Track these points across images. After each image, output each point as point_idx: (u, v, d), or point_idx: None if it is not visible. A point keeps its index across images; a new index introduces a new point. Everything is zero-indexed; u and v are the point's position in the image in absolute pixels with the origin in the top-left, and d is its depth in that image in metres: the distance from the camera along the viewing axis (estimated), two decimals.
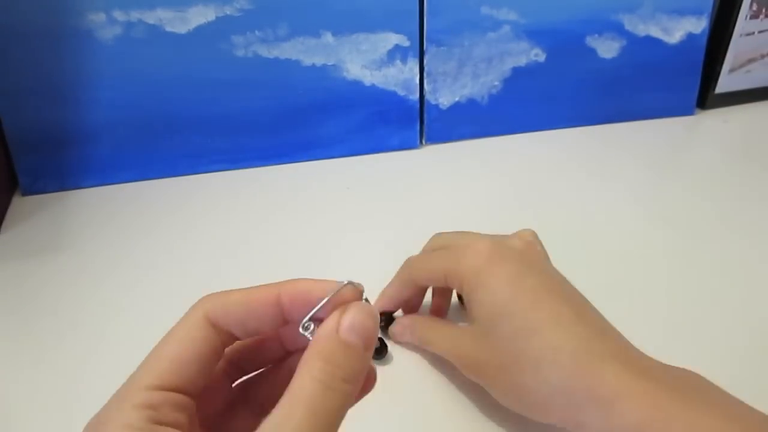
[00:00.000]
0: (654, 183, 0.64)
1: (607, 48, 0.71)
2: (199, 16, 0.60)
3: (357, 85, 0.65)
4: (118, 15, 0.58)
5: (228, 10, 0.60)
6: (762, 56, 0.77)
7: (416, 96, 0.67)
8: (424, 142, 0.69)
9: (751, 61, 0.77)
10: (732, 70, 0.76)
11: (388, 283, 0.43)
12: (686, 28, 0.72)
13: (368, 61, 0.65)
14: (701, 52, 0.74)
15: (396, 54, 0.65)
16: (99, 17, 0.58)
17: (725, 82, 0.76)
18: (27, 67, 0.57)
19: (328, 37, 0.63)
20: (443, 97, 0.68)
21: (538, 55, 0.69)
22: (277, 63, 0.63)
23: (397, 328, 0.42)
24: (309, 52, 0.63)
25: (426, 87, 0.67)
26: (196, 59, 0.61)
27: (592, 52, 0.71)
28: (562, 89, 0.72)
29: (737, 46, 0.74)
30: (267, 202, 0.60)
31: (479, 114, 0.70)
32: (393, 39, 0.64)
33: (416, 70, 0.66)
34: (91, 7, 0.57)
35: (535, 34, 0.68)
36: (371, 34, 0.64)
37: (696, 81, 0.75)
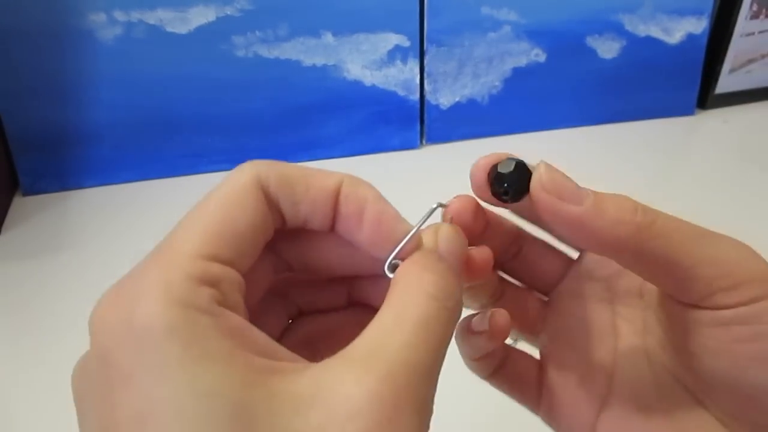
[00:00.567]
0: (654, 183, 0.64)
1: (607, 48, 0.71)
2: (199, 17, 0.60)
3: (357, 85, 0.65)
4: (119, 15, 0.58)
5: (228, 10, 0.60)
6: (762, 56, 0.77)
7: (416, 96, 0.67)
8: (424, 142, 0.69)
9: (751, 61, 0.77)
10: (732, 70, 0.76)
11: None
12: (686, 28, 0.72)
13: (369, 61, 0.65)
14: (701, 52, 0.74)
15: (396, 54, 0.65)
16: (100, 17, 0.58)
17: (725, 82, 0.76)
18: (28, 67, 0.58)
19: (328, 38, 0.63)
20: (443, 98, 0.68)
21: (538, 55, 0.69)
22: (278, 63, 0.63)
23: (566, 180, 0.22)
24: (309, 52, 0.63)
25: (426, 87, 0.67)
26: (196, 59, 0.61)
27: (592, 52, 0.71)
28: (562, 89, 0.72)
29: (737, 46, 0.74)
30: None
31: (479, 114, 0.70)
32: (393, 39, 0.64)
33: (416, 70, 0.66)
34: (92, 8, 0.57)
35: (535, 35, 0.68)
36: (371, 35, 0.64)
37: (696, 81, 0.75)
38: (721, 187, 0.63)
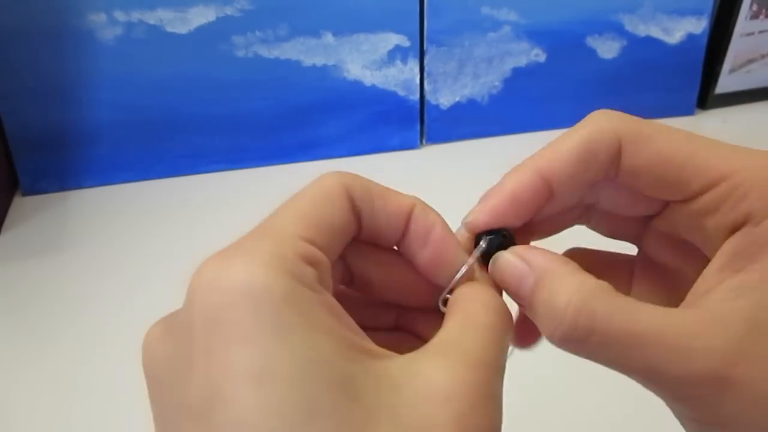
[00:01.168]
0: None
1: (607, 48, 0.71)
2: (199, 17, 0.60)
3: (357, 85, 0.65)
4: (119, 15, 0.58)
5: (228, 10, 0.60)
6: (762, 56, 0.77)
7: (416, 96, 0.67)
8: (424, 142, 0.69)
9: (751, 61, 0.77)
10: (732, 70, 0.76)
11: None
12: (686, 28, 0.72)
13: (369, 61, 0.65)
14: (701, 52, 0.74)
15: (396, 54, 0.65)
16: (100, 17, 0.58)
17: (725, 82, 0.76)
18: (28, 67, 0.58)
19: (328, 38, 0.63)
20: (443, 98, 0.68)
21: (538, 55, 0.69)
22: (278, 63, 0.63)
23: (508, 267, 0.21)
24: (309, 52, 0.63)
25: (426, 87, 0.67)
26: (196, 59, 0.61)
27: (592, 52, 0.71)
28: (562, 89, 0.71)
29: (737, 46, 0.74)
30: (267, 202, 0.60)
31: (479, 114, 0.70)
32: (393, 39, 0.64)
33: (416, 70, 0.66)
34: (92, 8, 0.57)
35: (535, 35, 0.68)
36: (371, 35, 0.64)
37: (696, 81, 0.75)
38: None
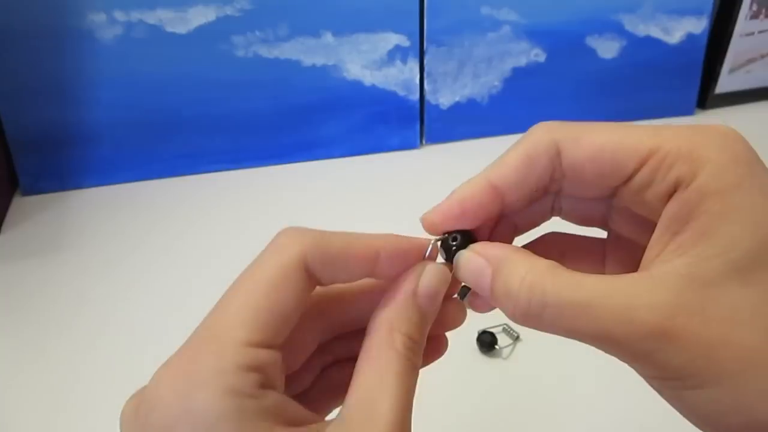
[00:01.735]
0: None
1: (607, 48, 0.71)
2: (199, 17, 0.60)
3: (357, 85, 0.65)
4: (119, 15, 0.58)
5: (228, 10, 0.60)
6: (762, 56, 0.77)
7: (416, 96, 0.67)
8: (424, 142, 0.69)
9: (751, 61, 0.76)
10: (732, 70, 0.76)
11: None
12: (686, 28, 0.72)
13: (368, 61, 0.65)
14: (701, 52, 0.74)
15: (396, 54, 0.65)
16: (99, 17, 0.58)
17: (725, 82, 0.76)
18: (27, 67, 0.58)
19: (328, 38, 0.63)
20: (443, 97, 0.68)
21: (538, 55, 0.69)
22: (278, 63, 0.63)
23: (468, 262, 0.23)
24: (309, 52, 0.63)
25: (426, 87, 0.67)
26: (196, 59, 0.61)
27: (592, 52, 0.71)
28: (562, 89, 0.71)
29: (737, 46, 0.74)
30: (267, 202, 0.60)
31: (479, 114, 0.70)
32: (393, 39, 0.64)
33: (416, 70, 0.66)
34: (92, 8, 0.57)
35: (535, 34, 0.68)
36: (371, 34, 0.64)
37: (696, 81, 0.75)
38: None
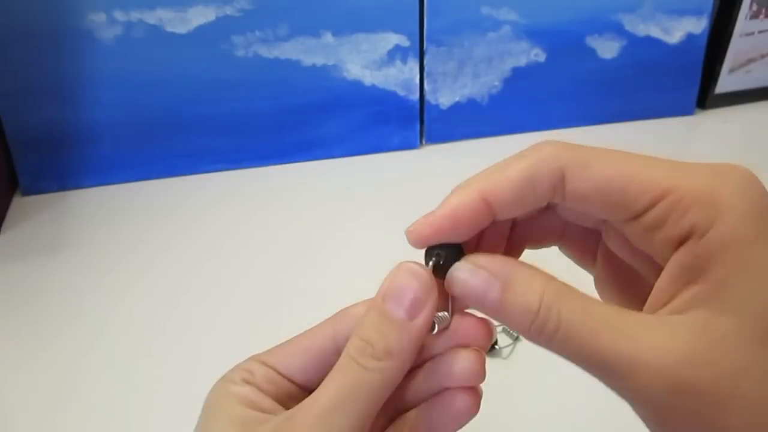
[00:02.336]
0: None
1: (607, 48, 0.71)
2: (199, 17, 0.60)
3: (357, 85, 0.65)
4: (119, 15, 0.58)
5: (228, 10, 0.60)
6: (762, 56, 0.77)
7: (416, 96, 0.67)
8: (424, 142, 0.69)
9: (751, 61, 0.76)
10: (732, 70, 0.76)
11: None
12: (686, 28, 0.72)
13: (368, 61, 0.65)
14: (701, 52, 0.74)
15: (396, 54, 0.65)
16: (99, 17, 0.58)
17: (725, 82, 0.76)
18: (27, 67, 0.57)
19: (328, 37, 0.63)
20: (443, 97, 0.68)
21: (538, 55, 0.69)
22: (278, 63, 0.63)
23: (471, 276, 0.21)
24: (309, 52, 0.63)
25: (426, 87, 0.67)
26: (196, 59, 0.61)
27: (592, 52, 0.71)
28: (562, 89, 0.71)
29: (737, 46, 0.74)
30: (267, 202, 0.60)
31: (479, 114, 0.70)
32: (393, 39, 0.64)
33: (416, 70, 0.66)
34: (92, 8, 0.57)
35: (535, 34, 0.68)
36: (371, 34, 0.64)
37: (696, 81, 0.75)
38: None
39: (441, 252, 0.23)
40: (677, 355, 0.18)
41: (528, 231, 0.26)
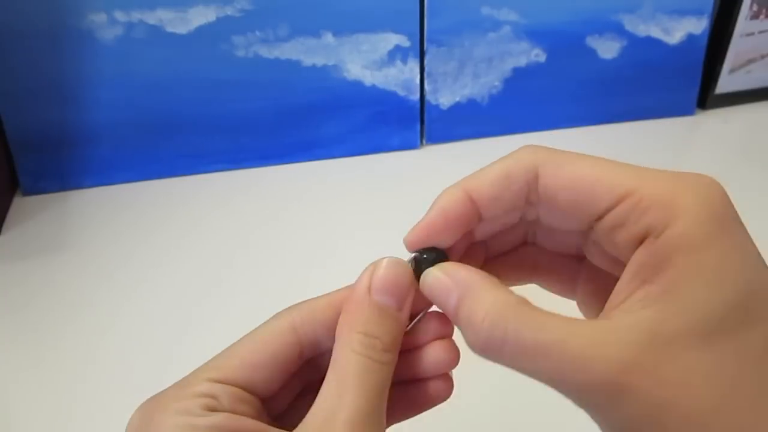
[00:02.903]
0: None
1: (608, 48, 0.71)
2: (199, 17, 0.60)
3: (357, 85, 0.65)
4: (119, 15, 0.58)
5: (228, 10, 0.60)
6: (762, 56, 0.77)
7: (417, 96, 0.67)
8: (424, 142, 0.69)
9: (751, 61, 0.77)
10: (732, 70, 0.76)
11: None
12: (686, 28, 0.72)
13: (369, 61, 0.65)
14: (701, 52, 0.74)
15: (396, 54, 0.65)
16: (100, 17, 0.58)
17: (725, 82, 0.76)
18: (27, 67, 0.58)
19: (328, 38, 0.63)
20: (443, 98, 0.68)
21: (538, 55, 0.69)
22: (278, 63, 0.63)
23: (435, 282, 0.23)
24: (309, 52, 0.63)
25: (426, 87, 0.67)
26: (196, 60, 0.61)
27: (592, 52, 0.71)
28: (562, 89, 0.72)
29: (737, 46, 0.74)
30: (267, 202, 0.60)
31: (479, 114, 0.70)
32: (393, 39, 0.64)
33: (417, 70, 0.66)
34: (92, 8, 0.57)
35: (535, 35, 0.68)
36: (371, 35, 0.64)
37: (696, 81, 0.75)
38: None
39: (423, 254, 0.24)
40: (621, 361, 0.18)
41: (506, 263, 0.27)
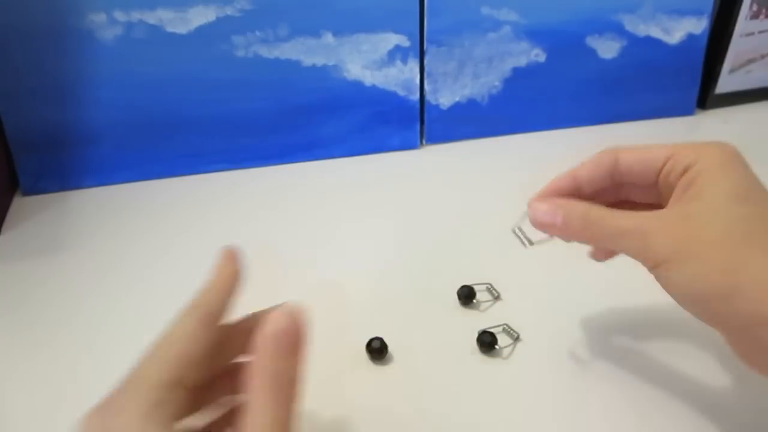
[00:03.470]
0: None
1: (607, 48, 0.71)
2: (199, 17, 0.60)
3: (357, 85, 0.65)
4: (119, 15, 0.58)
5: (228, 10, 0.60)
6: (762, 56, 0.77)
7: (416, 96, 0.67)
8: (424, 142, 0.69)
9: (751, 61, 0.77)
10: (732, 70, 0.76)
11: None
12: (686, 28, 0.72)
13: (369, 61, 0.65)
14: (701, 52, 0.74)
15: (396, 54, 0.65)
16: (99, 17, 0.58)
17: (725, 82, 0.76)
18: (27, 67, 0.58)
19: (328, 38, 0.63)
20: (443, 98, 0.68)
21: (538, 55, 0.69)
22: (278, 63, 0.63)
23: (545, 206, 0.35)
24: (309, 52, 0.63)
25: (426, 87, 0.67)
26: (196, 59, 0.61)
27: (592, 52, 0.71)
28: (562, 89, 0.72)
29: (737, 46, 0.74)
30: (267, 202, 0.60)
31: (479, 114, 0.70)
32: (393, 39, 0.64)
33: (416, 70, 0.66)
34: (92, 8, 0.57)
35: (535, 35, 0.68)
36: (371, 35, 0.64)
37: (696, 81, 0.75)
38: None
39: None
40: (658, 218, 0.32)
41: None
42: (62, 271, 0.51)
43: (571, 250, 0.39)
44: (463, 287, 0.46)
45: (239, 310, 0.48)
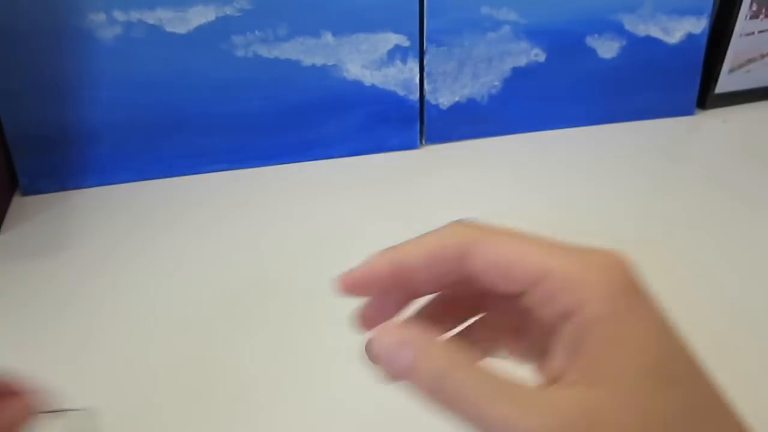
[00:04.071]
0: (654, 183, 0.64)
1: (607, 48, 0.71)
2: (199, 17, 0.60)
3: (357, 85, 0.65)
4: (118, 15, 0.58)
5: (228, 10, 0.60)
6: (762, 56, 0.77)
7: (416, 96, 0.67)
8: (424, 142, 0.69)
9: (751, 61, 0.77)
10: (732, 70, 0.76)
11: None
12: (686, 28, 0.72)
13: (368, 61, 0.65)
14: (701, 52, 0.74)
15: (396, 54, 0.65)
16: (99, 17, 0.58)
17: (725, 82, 0.76)
18: (27, 67, 0.58)
19: (328, 37, 0.63)
20: (443, 97, 0.68)
21: (538, 55, 0.69)
22: (277, 63, 0.63)
23: (386, 339, 0.23)
24: (309, 52, 0.63)
25: (426, 87, 0.67)
26: (196, 59, 0.61)
27: (592, 52, 0.71)
28: (562, 89, 0.71)
29: (737, 46, 0.74)
30: (267, 202, 0.60)
31: (479, 114, 0.70)
32: (393, 39, 0.64)
33: (416, 70, 0.66)
34: (92, 8, 0.57)
35: (535, 34, 0.68)
36: (371, 34, 0.64)
37: (696, 81, 0.75)
38: (721, 187, 0.63)
39: None
40: (548, 425, 0.20)
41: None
42: (62, 270, 0.51)
43: None
44: None
45: (240, 308, 0.48)
